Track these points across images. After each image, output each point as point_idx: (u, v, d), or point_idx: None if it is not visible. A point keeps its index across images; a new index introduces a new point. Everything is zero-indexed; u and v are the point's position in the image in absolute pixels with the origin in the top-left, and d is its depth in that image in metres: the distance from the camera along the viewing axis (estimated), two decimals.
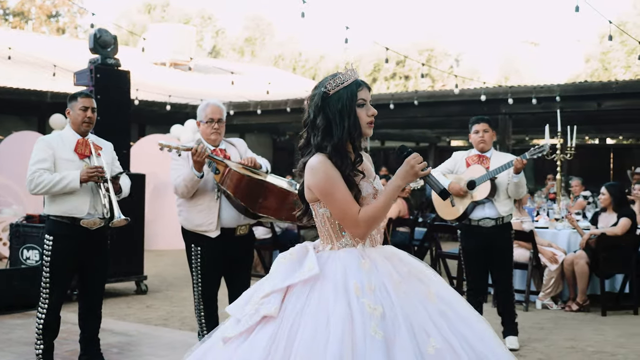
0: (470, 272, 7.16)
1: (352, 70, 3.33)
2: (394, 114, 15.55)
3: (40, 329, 5.70)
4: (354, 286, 3.07)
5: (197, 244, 5.76)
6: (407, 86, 43.83)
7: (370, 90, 3.36)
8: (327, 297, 3.06)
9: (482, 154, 7.04)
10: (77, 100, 5.80)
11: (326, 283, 3.12)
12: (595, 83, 14.64)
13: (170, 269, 12.18)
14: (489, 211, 6.92)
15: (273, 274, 3.28)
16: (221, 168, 5.56)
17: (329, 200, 3.24)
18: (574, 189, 13.91)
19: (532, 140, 26.44)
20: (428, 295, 3.18)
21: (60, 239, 5.62)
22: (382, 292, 3.09)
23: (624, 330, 7.76)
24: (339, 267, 3.16)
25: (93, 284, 5.87)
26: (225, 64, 29.12)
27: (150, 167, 12.46)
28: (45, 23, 43.37)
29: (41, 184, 5.50)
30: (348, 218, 3.22)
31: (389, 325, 3.00)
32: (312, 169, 3.25)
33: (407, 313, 3.05)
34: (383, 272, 3.17)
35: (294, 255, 3.29)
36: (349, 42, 11.10)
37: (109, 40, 9.35)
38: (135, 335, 7.38)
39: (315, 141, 3.29)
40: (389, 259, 3.27)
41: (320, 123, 3.27)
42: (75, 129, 5.80)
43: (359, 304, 3.01)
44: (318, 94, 3.30)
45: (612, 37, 12.09)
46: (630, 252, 8.74)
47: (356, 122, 3.27)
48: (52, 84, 15.93)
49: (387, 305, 3.05)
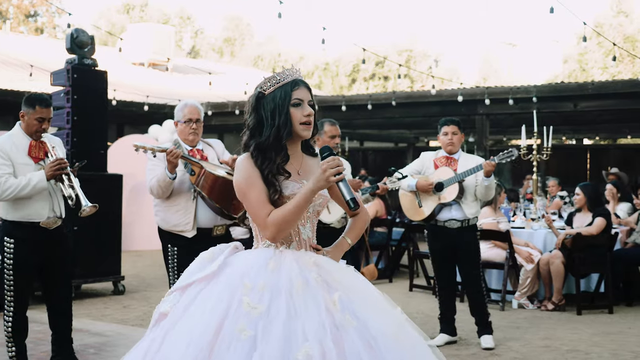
0: (439, 271, 7.24)
1: (292, 70, 3.25)
2: (372, 115, 15.60)
3: (9, 332, 5.66)
4: (244, 285, 2.98)
5: (174, 244, 5.76)
6: (387, 87, 43.91)
7: (310, 90, 3.25)
8: (210, 296, 3.02)
9: (450, 155, 7.10)
10: (34, 109, 5.60)
11: (220, 281, 3.07)
12: (571, 84, 14.75)
13: (148, 269, 12.15)
14: (455, 213, 6.97)
15: (184, 272, 3.26)
16: (196, 169, 5.57)
17: (244, 200, 3.21)
18: (550, 189, 14.00)
19: (509, 140, 26.61)
20: (332, 303, 2.96)
21: (20, 241, 5.57)
22: (272, 293, 2.95)
23: (598, 329, 7.83)
24: (240, 267, 3.10)
25: (57, 283, 5.83)
26: (203, 64, 29.07)
27: (128, 168, 12.41)
28: (24, 23, 43.07)
29: (9, 189, 5.41)
30: (258, 220, 3.15)
31: (259, 326, 2.85)
32: (236, 167, 3.24)
33: (295, 316, 2.88)
34: (285, 274, 3.02)
35: (211, 254, 3.26)
36: (328, 42, 11.20)
37: (86, 41, 9.33)
38: (112, 336, 7.36)
39: (243, 140, 3.26)
40: (299, 262, 3.10)
41: (251, 122, 3.23)
42: (27, 133, 5.67)
43: (239, 305, 2.92)
44: (254, 95, 3.25)
45: (586, 38, 12.21)
46: (605, 252, 8.81)
47: (287, 121, 3.16)
48: (29, 84, 15.83)
49: (272, 306, 2.90)
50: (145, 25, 28.95)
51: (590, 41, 35.10)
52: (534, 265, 9.00)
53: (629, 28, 37.60)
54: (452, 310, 7.22)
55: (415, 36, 49.41)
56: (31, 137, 5.66)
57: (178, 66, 25.97)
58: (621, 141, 28.08)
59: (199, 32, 52.20)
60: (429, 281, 10.20)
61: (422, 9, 73.60)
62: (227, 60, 47.07)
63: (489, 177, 6.78)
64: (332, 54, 45.56)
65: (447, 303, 7.21)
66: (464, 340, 7.26)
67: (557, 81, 27.44)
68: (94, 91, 9.32)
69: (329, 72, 46.16)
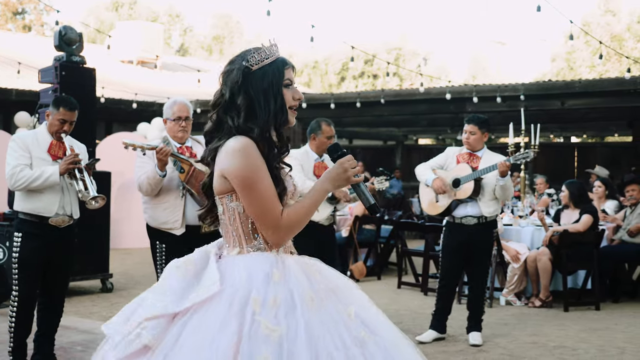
0: (446, 268, 7.23)
1: (276, 46, 2.88)
2: (361, 113, 15.66)
3: (12, 326, 5.73)
4: (253, 300, 2.57)
5: (162, 240, 5.78)
6: (376, 85, 43.98)
7: (294, 71, 2.90)
8: (214, 322, 2.55)
9: (473, 152, 7.11)
10: (58, 110, 5.77)
11: (220, 301, 2.60)
12: (558, 82, 14.83)
13: (137, 267, 12.14)
14: (471, 209, 6.99)
15: (164, 289, 2.72)
16: (186, 167, 5.60)
17: (248, 192, 2.70)
18: (538, 186, 14.05)
19: (498, 139, 26.65)
20: (348, 316, 2.70)
21: (29, 237, 5.66)
22: (287, 309, 2.58)
23: (585, 326, 7.87)
24: (243, 278, 2.65)
25: (57, 281, 5.88)
26: (192, 62, 29.04)
27: (116, 166, 12.38)
28: (11, 20, 42.90)
29: (22, 179, 5.53)
30: (269, 218, 2.71)
31: (284, 351, 2.49)
32: (234, 152, 2.70)
33: (315, 336, 2.56)
34: (295, 285, 2.66)
35: (191, 265, 2.76)
36: (317, 40, 11.19)
37: (74, 38, 9.30)
38: (100, 334, 7.26)
39: (236, 123, 2.76)
40: (305, 271, 2.76)
41: (242, 102, 2.77)
42: (49, 132, 5.82)
43: (254, 325, 2.52)
44: (238, 69, 2.80)
45: (573, 36, 12.28)
46: (592, 248, 8.86)
47: (282, 104, 2.80)
48: (17, 82, 15.80)
49: (290, 326, 2.54)
50: (134, 23, 28.90)
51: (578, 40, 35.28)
52: (521, 263, 9.04)
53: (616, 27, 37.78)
54: (448, 308, 7.23)
55: (405, 34, 49.57)
56: (52, 136, 5.80)
57: (167, 64, 25.94)
58: (608, 139, 28.17)
59: (188, 30, 52.14)
60: (417, 278, 10.23)
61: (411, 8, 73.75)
62: (216, 58, 46.98)
63: (504, 177, 6.78)
64: (321, 52, 45.56)
65: (444, 300, 7.21)
66: (452, 337, 7.28)
67: (545, 79, 27.53)
68: (82, 89, 9.27)
69: (318, 70, 46.20)
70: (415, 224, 11.52)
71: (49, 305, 5.89)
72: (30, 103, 12.16)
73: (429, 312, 7.34)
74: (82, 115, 9.73)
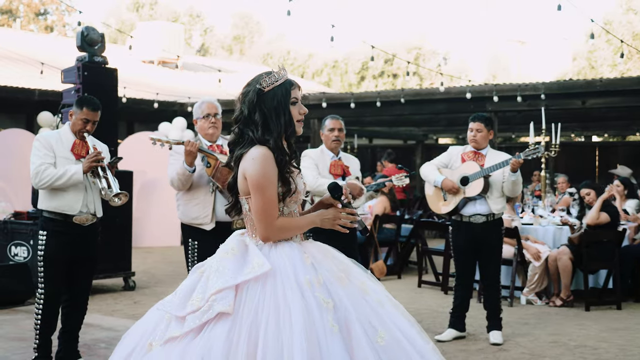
0: (459, 266, 7.26)
1: (284, 70, 3.42)
2: (381, 112, 15.64)
3: (37, 323, 5.80)
4: (305, 280, 3.14)
5: (194, 238, 5.90)
6: (395, 84, 43.89)
7: (300, 90, 3.45)
8: (283, 293, 3.08)
9: (477, 151, 7.12)
10: (82, 109, 5.85)
11: (278, 278, 3.14)
12: (579, 81, 14.73)
13: (158, 265, 12.22)
14: (480, 207, 7.00)
15: (220, 270, 3.22)
16: (212, 161, 5.71)
17: (256, 193, 3.26)
18: (560, 185, 14.00)
19: (518, 138, 26.57)
20: (364, 289, 3.26)
21: (53, 235, 5.74)
22: (330, 286, 3.17)
23: (606, 325, 7.85)
24: (287, 262, 3.20)
25: (80, 279, 5.95)
26: (213, 62, 29.14)
27: (138, 165, 12.47)
28: (34, 21, 43.22)
29: (46, 178, 5.62)
30: (267, 219, 3.26)
31: (341, 319, 3.08)
32: (255, 159, 3.27)
33: (355, 307, 3.14)
34: (325, 267, 3.25)
35: (236, 250, 3.30)
36: (338, 40, 11.23)
37: (96, 38, 9.38)
38: (123, 331, 7.32)
39: (256, 135, 3.32)
40: (325, 255, 3.34)
41: (258, 118, 3.33)
42: (72, 131, 5.90)
43: (315, 298, 3.08)
44: (253, 91, 3.36)
45: (594, 35, 12.22)
46: (613, 248, 8.83)
47: (291, 119, 3.36)
48: (40, 82, 15.91)
49: (337, 299, 3.13)
50: (155, 23, 29.03)
51: (599, 39, 35.02)
52: (542, 262, 9.02)
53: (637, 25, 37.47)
54: (466, 306, 7.25)
55: (424, 34, 49.39)
56: (75, 135, 5.87)
57: (188, 64, 26.05)
58: (630, 138, 28.01)
59: (209, 30, 52.29)
60: (438, 277, 10.24)
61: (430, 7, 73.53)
62: (237, 57, 47.13)
63: (515, 172, 6.81)
64: (341, 52, 45.52)
65: (461, 299, 7.23)
66: (472, 335, 7.30)
67: (566, 78, 27.41)
68: (104, 89, 9.34)
69: (337, 69, 46.15)
70: (435, 223, 11.52)
71: (73, 303, 5.96)
72: (53, 103, 12.27)
73: (449, 311, 7.35)
74: (104, 115, 9.81)
